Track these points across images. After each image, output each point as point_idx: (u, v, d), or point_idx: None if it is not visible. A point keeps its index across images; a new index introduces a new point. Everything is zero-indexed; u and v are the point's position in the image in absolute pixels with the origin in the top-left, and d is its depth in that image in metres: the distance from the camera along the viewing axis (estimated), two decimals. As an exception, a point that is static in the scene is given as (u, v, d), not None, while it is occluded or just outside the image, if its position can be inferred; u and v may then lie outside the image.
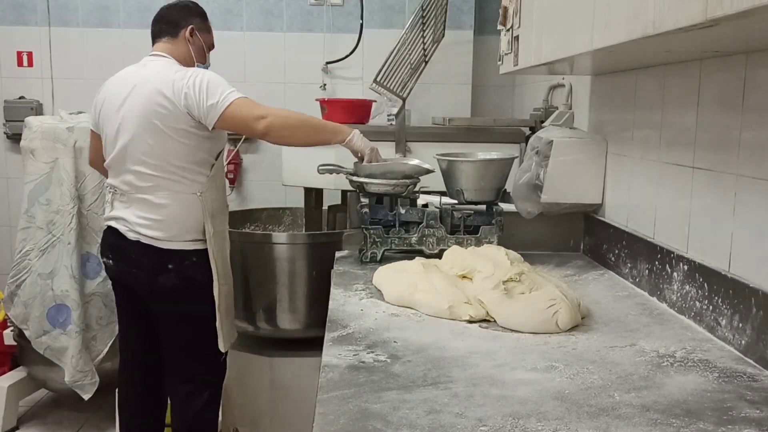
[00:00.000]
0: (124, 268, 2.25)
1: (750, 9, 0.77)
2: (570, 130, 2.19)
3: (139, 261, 2.20)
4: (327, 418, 1.02)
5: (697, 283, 1.50)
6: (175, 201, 2.16)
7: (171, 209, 2.16)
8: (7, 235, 3.62)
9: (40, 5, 3.60)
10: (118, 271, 2.29)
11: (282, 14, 3.67)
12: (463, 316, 1.50)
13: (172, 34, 2.33)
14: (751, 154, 1.34)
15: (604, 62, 1.83)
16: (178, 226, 2.18)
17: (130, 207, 2.19)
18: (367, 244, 2.03)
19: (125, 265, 2.25)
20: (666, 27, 0.99)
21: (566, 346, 1.37)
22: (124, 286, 2.31)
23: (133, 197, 2.19)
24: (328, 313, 1.56)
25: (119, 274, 2.30)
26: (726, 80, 1.43)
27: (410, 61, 2.68)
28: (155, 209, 2.16)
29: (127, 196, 2.20)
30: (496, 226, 2.04)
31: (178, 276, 2.19)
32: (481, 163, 2.08)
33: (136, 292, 2.28)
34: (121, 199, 2.22)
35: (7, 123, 3.66)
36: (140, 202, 2.18)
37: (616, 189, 2.04)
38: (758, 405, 1.10)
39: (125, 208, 2.20)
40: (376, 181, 2.03)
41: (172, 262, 2.18)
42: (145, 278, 2.21)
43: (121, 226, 2.20)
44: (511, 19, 1.98)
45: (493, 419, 1.02)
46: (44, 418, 3.23)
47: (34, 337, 2.89)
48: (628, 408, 1.07)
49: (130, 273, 2.24)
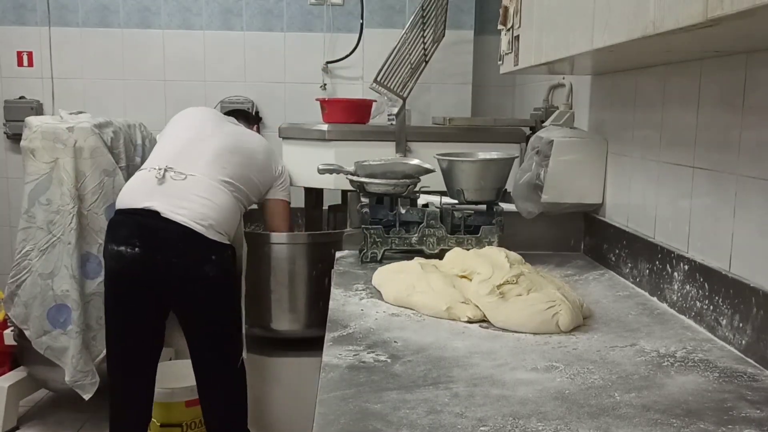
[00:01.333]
0: (158, 258, 2.22)
1: (750, 9, 0.77)
2: (570, 129, 2.19)
3: (180, 249, 2.22)
4: (327, 418, 1.02)
5: (697, 283, 1.50)
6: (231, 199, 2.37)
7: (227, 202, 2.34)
8: (7, 235, 3.62)
9: (40, 5, 3.60)
10: (145, 261, 2.22)
11: (282, 14, 3.67)
12: (462, 317, 1.50)
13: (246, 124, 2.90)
14: (751, 154, 1.34)
15: (605, 62, 1.83)
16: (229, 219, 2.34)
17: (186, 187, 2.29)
18: (367, 244, 2.03)
19: (159, 254, 2.22)
20: (666, 27, 0.99)
21: (566, 346, 1.36)
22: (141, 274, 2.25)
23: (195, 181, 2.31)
24: (328, 313, 1.56)
25: (144, 262, 2.23)
26: (726, 80, 1.43)
27: (410, 60, 2.68)
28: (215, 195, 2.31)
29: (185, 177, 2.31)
30: (496, 226, 2.04)
31: (219, 267, 2.28)
32: (481, 162, 2.08)
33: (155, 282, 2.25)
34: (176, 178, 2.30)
35: (7, 123, 3.66)
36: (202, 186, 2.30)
37: (617, 189, 2.04)
38: (759, 405, 1.10)
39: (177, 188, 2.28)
40: (376, 181, 2.03)
41: (215, 254, 2.27)
42: (183, 268, 2.23)
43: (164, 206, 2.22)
44: (512, 18, 1.98)
45: (493, 419, 1.02)
46: (44, 418, 3.23)
47: (35, 337, 2.89)
48: (629, 408, 1.07)
49: (167, 263, 2.21)
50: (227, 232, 2.32)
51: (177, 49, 3.64)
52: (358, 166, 2.11)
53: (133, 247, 2.22)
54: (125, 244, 2.23)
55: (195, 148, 2.43)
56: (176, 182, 2.30)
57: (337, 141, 2.69)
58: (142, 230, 2.23)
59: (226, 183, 2.36)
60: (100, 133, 2.96)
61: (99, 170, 2.93)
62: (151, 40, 3.63)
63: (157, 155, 2.46)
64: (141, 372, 2.42)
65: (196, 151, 2.41)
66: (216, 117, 2.69)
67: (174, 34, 3.64)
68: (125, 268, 2.27)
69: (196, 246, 2.23)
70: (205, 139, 2.47)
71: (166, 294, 2.29)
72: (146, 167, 2.41)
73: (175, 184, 2.29)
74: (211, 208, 2.27)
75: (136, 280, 2.27)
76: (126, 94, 3.68)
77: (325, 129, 2.72)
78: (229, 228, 2.34)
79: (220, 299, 2.34)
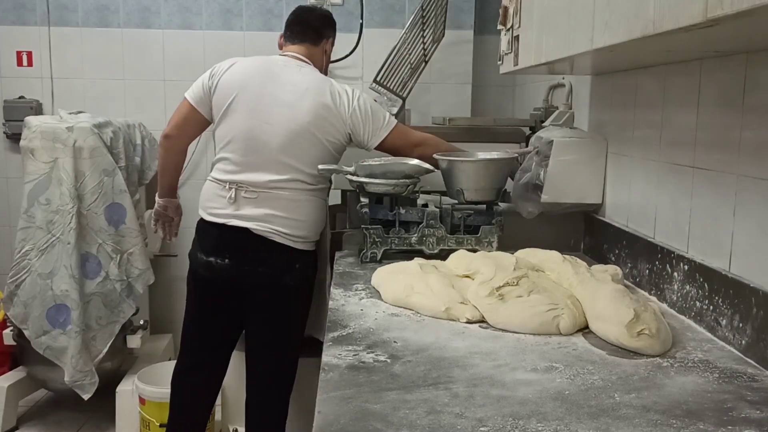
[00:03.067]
0: (246, 268, 2.22)
1: (750, 9, 0.77)
2: (570, 129, 2.19)
3: (266, 259, 2.20)
4: (327, 418, 1.02)
5: (697, 283, 1.50)
6: (312, 202, 2.24)
7: (310, 210, 2.23)
8: (7, 235, 3.61)
9: (39, 5, 3.60)
10: (236, 271, 2.23)
11: (282, 14, 3.66)
12: (461, 318, 1.50)
13: (314, 41, 2.38)
14: (751, 154, 1.34)
15: (605, 62, 1.83)
16: (314, 226, 2.26)
17: (263, 205, 2.18)
18: (367, 244, 2.03)
19: (248, 264, 2.22)
20: (666, 27, 0.99)
21: (566, 346, 1.36)
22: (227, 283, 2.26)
23: (268, 196, 2.18)
24: (328, 313, 1.56)
25: (236, 273, 2.23)
26: (726, 80, 1.42)
27: (410, 60, 2.68)
28: (295, 208, 2.20)
29: (258, 194, 2.18)
30: (496, 226, 2.03)
31: (301, 276, 2.26)
32: (481, 162, 2.08)
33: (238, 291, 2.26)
34: (247, 196, 2.19)
35: (7, 123, 3.66)
36: (278, 199, 2.18)
37: (617, 189, 2.04)
38: (758, 405, 1.10)
39: (255, 206, 2.18)
40: (376, 181, 2.03)
41: (299, 262, 2.24)
42: (268, 276, 2.21)
43: (253, 224, 2.18)
44: (511, 18, 1.98)
45: (493, 420, 1.02)
46: (44, 418, 3.23)
47: (34, 337, 2.89)
48: (629, 408, 1.07)
49: (254, 272, 2.21)
50: (315, 234, 2.29)
51: (177, 49, 3.64)
52: (358, 166, 2.11)
53: (225, 259, 2.24)
54: (216, 255, 2.25)
55: (255, 155, 2.19)
56: (250, 202, 2.19)
57: (336, 141, 2.68)
58: (230, 243, 2.23)
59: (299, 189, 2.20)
60: (100, 133, 2.96)
61: (98, 170, 2.94)
62: (151, 40, 3.63)
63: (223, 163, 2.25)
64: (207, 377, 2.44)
65: (256, 159, 2.19)
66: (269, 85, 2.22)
67: (174, 34, 3.64)
68: (216, 276, 2.27)
69: (280, 255, 2.21)
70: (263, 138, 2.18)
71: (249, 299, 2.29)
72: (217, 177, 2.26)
73: (250, 205, 2.19)
74: (294, 221, 2.20)
75: (224, 287, 2.29)
76: (126, 94, 3.67)
77: (325, 129, 2.71)
78: (317, 228, 2.29)
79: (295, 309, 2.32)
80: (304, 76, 2.25)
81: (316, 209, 2.26)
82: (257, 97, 2.21)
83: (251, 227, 2.18)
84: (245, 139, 2.20)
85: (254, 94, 2.21)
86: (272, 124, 2.18)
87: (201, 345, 2.41)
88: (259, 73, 2.25)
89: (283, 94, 2.20)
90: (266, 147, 2.18)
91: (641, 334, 1.32)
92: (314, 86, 2.22)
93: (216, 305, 2.34)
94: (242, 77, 2.25)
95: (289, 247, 2.21)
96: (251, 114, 2.20)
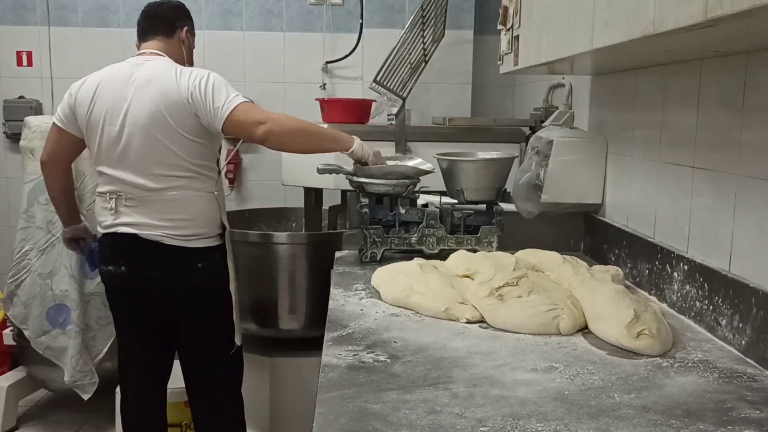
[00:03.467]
0: (144, 273, 2.18)
1: (750, 9, 0.77)
2: (570, 129, 2.19)
3: (165, 263, 2.16)
4: (327, 418, 1.02)
5: (697, 283, 1.50)
6: (196, 199, 2.16)
7: (195, 207, 2.16)
8: (7, 235, 3.61)
9: (39, 5, 3.60)
10: (133, 277, 2.20)
11: (282, 14, 3.67)
12: (460, 318, 1.50)
13: (167, 33, 2.30)
14: (751, 154, 1.34)
15: (604, 62, 1.83)
16: (204, 223, 2.18)
17: (146, 210, 2.13)
18: (367, 244, 2.03)
19: (145, 270, 2.18)
20: (666, 27, 0.99)
21: (566, 346, 1.36)
22: (133, 291, 2.24)
23: (148, 200, 2.12)
24: (327, 313, 1.56)
25: (133, 279, 2.20)
26: (726, 80, 1.42)
27: (410, 60, 2.68)
28: (179, 208, 2.13)
29: (138, 200, 2.13)
30: (496, 226, 2.03)
31: (207, 274, 2.20)
32: (481, 162, 2.08)
33: (150, 297, 2.23)
34: (128, 203, 2.14)
35: (7, 122, 3.66)
36: (159, 203, 2.12)
37: (617, 189, 2.04)
38: (758, 405, 1.10)
39: (137, 212, 2.13)
40: (376, 181, 2.03)
41: (201, 261, 2.19)
42: (173, 280, 2.17)
43: (139, 230, 2.13)
44: (511, 18, 1.98)
45: (493, 420, 1.02)
46: (44, 418, 3.23)
47: (34, 337, 2.89)
48: (629, 409, 1.07)
49: (153, 277, 2.18)
50: (210, 228, 2.20)
51: (177, 48, 3.63)
52: (357, 166, 2.11)
53: (119, 266, 2.20)
54: (111, 263, 2.22)
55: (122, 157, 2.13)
56: (131, 209, 2.14)
57: (336, 141, 2.68)
58: (124, 251, 2.19)
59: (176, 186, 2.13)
60: (100, 133, 2.96)
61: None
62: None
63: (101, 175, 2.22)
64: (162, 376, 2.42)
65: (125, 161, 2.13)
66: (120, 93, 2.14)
67: (174, 34, 3.63)
68: (117, 284, 2.26)
69: (179, 258, 2.16)
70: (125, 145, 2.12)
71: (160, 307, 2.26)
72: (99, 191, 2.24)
73: (131, 211, 2.15)
74: (182, 221, 2.14)
75: (129, 294, 2.27)
76: (126, 93, 3.67)
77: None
78: (211, 220, 2.21)
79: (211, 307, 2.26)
80: (148, 69, 2.16)
81: (202, 204, 2.17)
82: (110, 104, 2.14)
83: (138, 233, 2.14)
84: (108, 148, 2.15)
85: (107, 102, 2.14)
86: (128, 125, 2.11)
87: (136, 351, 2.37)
88: (110, 79, 2.18)
89: (130, 93, 2.12)
90: (129, 151, 2.11)
91: (641, 334, 1.32)
92: (156, 75, 2.13)
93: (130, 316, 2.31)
94: (95, 88, 2.18)
95: (183, 248, 2.15)
96: (108, 121, 2.14)
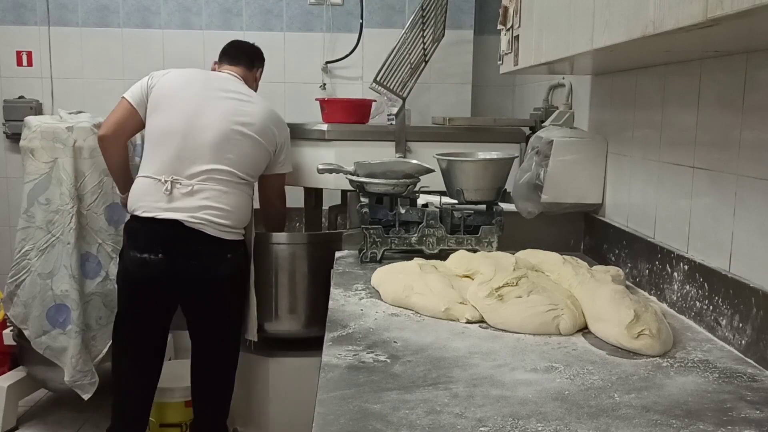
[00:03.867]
0: (180, 261, 2.32)
1: (750, 9, 0.77)
2: (570, 129, 2.19)
3: (199, 252, 2.32)
4: (327, 418, 1.02)
5: (697, 283, 1.50)
6: (238, 194, 2.39)
7: (236, 200, 2.38)
8: (7, 235, 3.61)
9: (39, 5, 3.60)
10: (169, 265, 2.32)
11: (282, 14, 3.67)
12: (460, 318, 1.50)
13: (247, 66, 2.68)
14: (751, 154, 1.34)
15: (604, 62, 1.83)
16: (240, 215, 2.40)
17: (196, 195, 2.32)
18: (367, 244, 2.03)
19: (181, 258, 2.32)
20: (666, 27, 0.99)
21: (566, 346, 1.36)
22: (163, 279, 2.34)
23: (201, 186, 2.32)
24: (328, 313, 1.56)
25: (169, 267, 2.32)
26: (726, 80, 1.42)
27: (410, 60, 2.68)
28: (223, 197, 2.34)
29: (192, 186, 2.32)
30: (496, 226, 2.03)
31: (233, 265, 2.40)
32: (481, 162, 2.08)
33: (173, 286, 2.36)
34: (184, 189, 2.31)
35: (7, 123, 3.66)
36: (208, 190, 2.33)
37: (616, 189, 2.04)
38: (758, 405, 1.10)
39: (188, 197, 2.31)
40: (376, 180, 2.03)
41: (230, 252, 2.38)
42: (202, 269, 2.33)
43: (183, 215, 2.29)
44: (511, 18, 1.98)
45: (493, 420, 1.02)
46: (44, 418, 3.23)
47: (34, 337, 2.88)
48: (629, 409, 1.07)
49: (188, 266, 2.32)
50: (243, 224, 2.44)
51: (177, 48, 3.63)
52: (358, 165, 2.11)
53: (158, 255, 2.32)
54: (149, 251, 2.33)
55: (191, 148, 2.34)
56: (185, 194, 2.32)
57: (336, 141, 2.69)
58: (164, 238, 2.32)
59: (228, 180, 2.37)
60: (100, 133, 2.96)
61: (98, 170, 2.93)
62: (151, 39, 3.63)
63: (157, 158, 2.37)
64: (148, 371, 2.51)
65: (192, 152, 2.34)
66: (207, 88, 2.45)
67: (174, 34, 3.64)
68: (150, 273, 2.35)
69: (212, 247, 2.34)
70: (200, 132, 2.35)
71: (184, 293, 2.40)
72: (150, 173, 2.36)
73: (184, 197, 2.32)
74: (225, 212, 2.34)
75: (158, 283, 2.37)
76: (126, 93, 3.67)
77: (325, 129, 2.72)
78: (245, 218, 2.45)
79: (229, 299, 2.45)
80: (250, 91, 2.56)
81: (241, 200, 2.41)
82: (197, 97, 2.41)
83: (183, 219, 2.29)
84: (183, 134, 2.35)
85: (194, 95, 2.42)
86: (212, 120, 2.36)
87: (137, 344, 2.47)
88: (198, 79, 2.50)
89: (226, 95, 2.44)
90: (202, 140, 2.35)
91: (641, 334, 1.32)
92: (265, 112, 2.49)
93: (149, 303, 2.42)
94: (182, 80, 2.47)
95: (219, 239, 2.33)
96: (191, 112, 2.37)
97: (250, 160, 2.43)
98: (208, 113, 2.38)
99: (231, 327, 2.50)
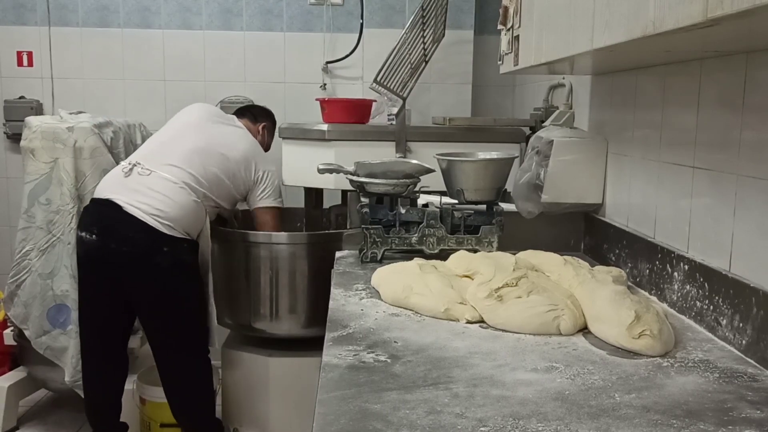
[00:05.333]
0: (112, 245, 2.38)
1: (750, 9, 0.77)
2: (570, 129, 2.19)
3: (132, 237, 2.36)
4: (327, 418, 1.02)
5: (697, 283, 1.50)
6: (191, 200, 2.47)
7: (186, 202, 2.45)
8: (7, 235, 3.61)
9: (40, 5, 3.60)
10: (100, 247, 2.39)
11: (282, 14, 3.67)
12: (460, 318, 1.50)
13: (252, 120, 2.93)
14: (751, 154, 1.34)
15: (605, 62, 1.83)
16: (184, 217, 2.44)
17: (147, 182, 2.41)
18: (367, 244, 2.03)
19: (114, 242, 2.38)
20: (666, 27, 0.99)
21: (567, 346, 1.36)
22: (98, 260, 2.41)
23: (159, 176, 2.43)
24: (328, 313, 1.56)
25: (99, 249, 2.39)
26: (726, 80, 1.42)
27: (410, 60, 2.68)
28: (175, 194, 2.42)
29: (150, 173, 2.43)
30: (496, 226, 2.03)
31: (173, 259, 2.42)
32: (481, 162, 2.08)
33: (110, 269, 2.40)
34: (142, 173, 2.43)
35: (7, 123, 3.66)
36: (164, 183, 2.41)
37: (617, 189, 2.04)
38: (759, 405, 1.10)
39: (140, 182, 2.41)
40: (377, 180, 2.03)
41: (167, 246, 2.41)
42: (134, 255, 2.37)
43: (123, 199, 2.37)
44: (512, 18, 1.98)
45: (493, 420, 1.02)
46: (44, 418, 3.23)
47: (34, 337, 2.89)
48: (629, 409, 1.07)
49: (120, 252, 2.37)
50: (185, 229, 2.45)
51: (177, 49, 3.64)
52: (358, 165, 2.11)
53: (91, 234, 2.41)
54: (86, 230, 2.43)
55: (170, 146, 2.56)
56: (141, 177, 2.44)
57: (337, 141, 2.69)
58: (102, 219, 2.41)
59: (188, 184, 2.47)
60: (100, 133, 2.96)
61: (99, 170, 2.93)
62: (151, 39, 3.63)
63: (138, 150, 2.64)
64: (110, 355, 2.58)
65: (169, 149, 2.54)
66: (211, 116, 2.75)
67: (174, 34, 3.64)
68: (85, 253, 2.46)
69: (147, 238, 2.37)
70: (184, 138, 2.59)
71: (122, 282, 2.43)
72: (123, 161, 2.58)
73: (139, 179, 2.44)
74: (168, 205, 2.41)
75: (94, 264, 2.45)
76: (126, 94, 3.68)
77: (325, 129, 2.72)
78: (188, 226, 2.47)
79: (174, 289, 2.46)
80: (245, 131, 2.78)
81: (190, 206, 2.46)
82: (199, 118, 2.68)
83: (122, 203, 2.36)
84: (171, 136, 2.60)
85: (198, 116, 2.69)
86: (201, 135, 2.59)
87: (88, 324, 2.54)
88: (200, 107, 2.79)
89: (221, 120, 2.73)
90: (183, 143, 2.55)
91: (642, 335, 1.32)
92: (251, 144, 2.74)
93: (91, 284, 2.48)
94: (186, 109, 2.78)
95: (154, 229, 2.37)
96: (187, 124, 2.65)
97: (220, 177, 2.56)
98: (200, 130, 2.62)
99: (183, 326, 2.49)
